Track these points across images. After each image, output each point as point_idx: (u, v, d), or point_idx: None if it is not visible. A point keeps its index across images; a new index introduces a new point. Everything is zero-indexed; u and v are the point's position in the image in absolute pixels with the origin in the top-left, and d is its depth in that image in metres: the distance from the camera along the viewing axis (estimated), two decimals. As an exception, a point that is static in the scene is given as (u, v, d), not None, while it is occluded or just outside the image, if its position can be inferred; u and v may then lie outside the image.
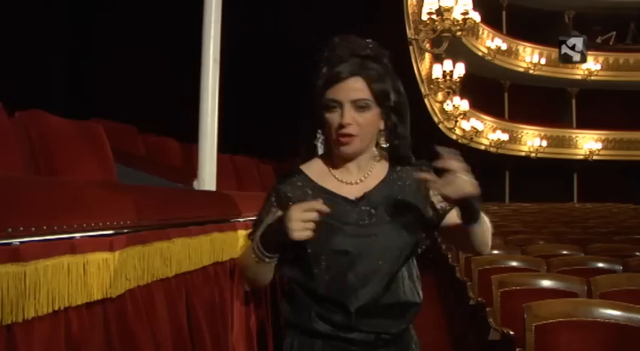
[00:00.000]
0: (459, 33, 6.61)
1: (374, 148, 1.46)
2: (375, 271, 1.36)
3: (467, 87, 12.39)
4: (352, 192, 1.42)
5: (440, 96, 12.06)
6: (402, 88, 1.43)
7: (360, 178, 1.44)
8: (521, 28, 19.05)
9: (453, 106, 13.23)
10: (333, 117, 1.37)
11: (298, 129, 1.50)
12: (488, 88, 19.19)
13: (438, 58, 10.84)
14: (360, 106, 1.36)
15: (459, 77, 10.21)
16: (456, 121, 14.39)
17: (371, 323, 1.37)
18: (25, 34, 5.01)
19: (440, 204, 1.44)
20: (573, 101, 20.89)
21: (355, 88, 1.35)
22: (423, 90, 11.67)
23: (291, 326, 1.46)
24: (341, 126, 1.35)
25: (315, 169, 1.47)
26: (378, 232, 1.37)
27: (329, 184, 1.43)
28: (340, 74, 1.35)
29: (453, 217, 1.44)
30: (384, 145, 1.45)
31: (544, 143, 19.99)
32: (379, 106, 1.38)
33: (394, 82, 1.40)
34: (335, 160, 1.45)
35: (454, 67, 10.17)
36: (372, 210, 1.39)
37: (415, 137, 1.48)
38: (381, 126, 1.42)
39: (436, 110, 13.28)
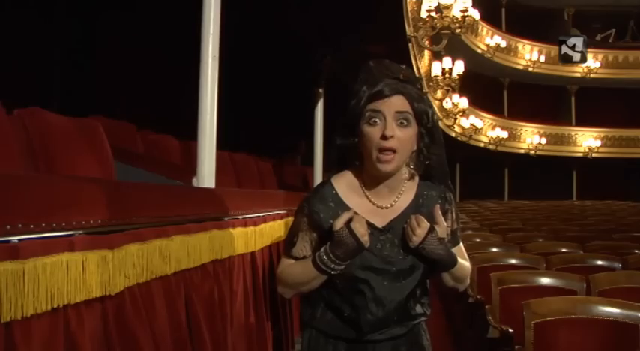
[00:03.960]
0: (458, 30, 6.60)
1: (405, 168, 1.47)
2: (390, 297, 1.44)
3: (466, 84, 12.37)
4: (381, 217, 1.46)
5: (439, 93, 12.04)
6: (435, 112, 1.49)
7: (390, 202, 1.47)
8: (521, 25, 19.04)
9: (452, 103, 13.21)
10: (375, 130, 1.37)
11: (335, 147, 1.50)
12: (488, 85, 19.18)
13: (437, 56, 10.82)
14: (402, 119, 1.37)
15: (458, 75, 10.20)
16: (455, 119, 14.37)
17: (381, 334, 1.49)
18: (24, 32, 4.99)
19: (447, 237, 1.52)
20: (572, 99, 20.88)
21: (398, 103, 1.38)
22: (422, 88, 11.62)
23: (309, 326, 1.57)
24: (383, 137, 1.35)
25: (346, 185, 1.48)
26: (398, 262, 1.44)
27: (359, 207, 1.45)
28: (383, 92, 1.37)
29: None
30: (413, 165, 1.48)
31: (543, 141, 19.99)
32: (418, 125, 1.41)
33: (429, 105, 1.44)
34: (367, 178, 1.47)
35: (453, 64, 10.16)
36: (396, 240, 1.44)
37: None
38: (415, 147, 1.44)
39: (435, 108, 13.26)
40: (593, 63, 19.31)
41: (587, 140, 20.28)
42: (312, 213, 1.46)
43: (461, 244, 1.59)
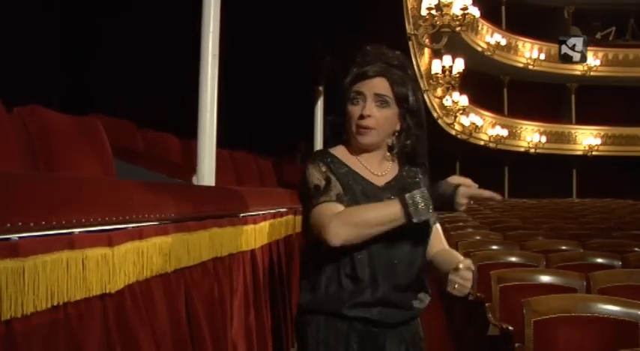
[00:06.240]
0: (458, 28, 6.60)
1: (386, 150, 1.58)
2: (395, 254, 1.50)
3: (466, 82, 12.36)
4: (377, 180, 1.56)
5: (439, 91, 12.06)
6: (421, 96, 1.59)
7: (380, 172, 1.57)
8: (521, 23, 19.03)
9: (453, 101, 13.21)
10: (356, 109, 1.50)
11: (327, 122, 1.65)
12: (488, 83, 19.18)
13: (437, 54, 10.83)
14: (381, 101, 1.49)
15: (458, 73, 10.19)
16: (456, 117, 14.38)
17: (396, 299, 1.50)
18: (23, 30, 4.99)
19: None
20: (572, 97, 20.88)
21: (379, 85, 1.50)
22: (422, 85, 11.63)
23: (314, 313, 1.52)
24: (361, 116, 1.48)
25: (341, 153, 1.58)
26: None
27: (357, 168, 1.55)
28: (367, 73, 1.50)
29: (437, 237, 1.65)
30: (395, 146, 1.57)
31: (543, 139, 19.99)
32: (398, 107, 1.51)
33: (414, 89, 1.55)
34: (356, 151, 1.57)
35: (453, 62, 10.16)
36: (392, 197, 1.51)
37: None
38: (397, 127, 1.55)
39: (435, 106, 13.25)
40: (593, 61, 19.32)
41: (587, 138, 20.28)
42: (325, 162, 1.52)
43: (438, 225, 1.65)
